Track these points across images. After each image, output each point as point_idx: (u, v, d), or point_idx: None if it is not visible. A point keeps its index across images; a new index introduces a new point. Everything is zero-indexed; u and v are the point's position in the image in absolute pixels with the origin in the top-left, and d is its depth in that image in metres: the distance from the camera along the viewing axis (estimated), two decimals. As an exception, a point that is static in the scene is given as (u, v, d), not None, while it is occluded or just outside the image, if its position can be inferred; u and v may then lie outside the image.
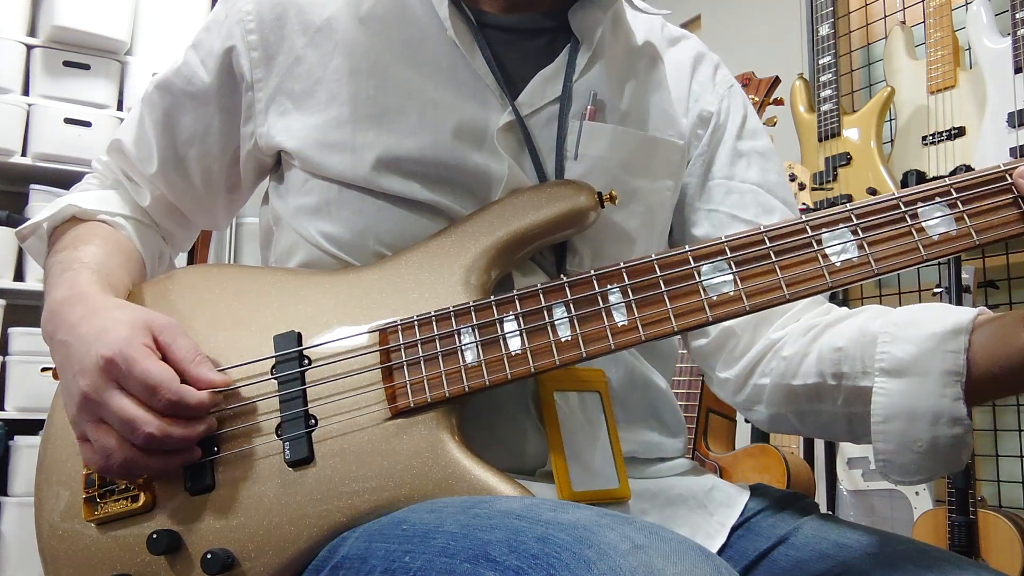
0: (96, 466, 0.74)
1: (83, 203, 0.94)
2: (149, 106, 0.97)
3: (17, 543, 2.71)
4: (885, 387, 0.74)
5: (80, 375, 0.74)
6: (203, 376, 0.75)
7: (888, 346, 0.75)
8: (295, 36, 0.89)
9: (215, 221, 1.06)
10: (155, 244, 1.00)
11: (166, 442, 0.72)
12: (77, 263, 0.85)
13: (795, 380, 0.84)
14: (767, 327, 0.89)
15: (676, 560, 0.54)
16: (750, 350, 0.90)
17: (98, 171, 1.04)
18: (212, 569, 0.72)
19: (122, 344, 0.73)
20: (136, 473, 0.74)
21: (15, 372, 2.84)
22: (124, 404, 0.72)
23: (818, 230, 0.72)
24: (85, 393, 0.73)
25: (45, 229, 0.95)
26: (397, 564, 0.64)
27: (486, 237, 0.81)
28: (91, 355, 0.73)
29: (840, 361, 0.79)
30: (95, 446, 0.73)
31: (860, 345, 0.78)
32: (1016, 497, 2.34)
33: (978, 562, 0.80)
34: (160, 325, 0.77)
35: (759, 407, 0.90)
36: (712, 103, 0.97)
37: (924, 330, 0.74)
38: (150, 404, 0.72)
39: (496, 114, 0.85)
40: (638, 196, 0.89)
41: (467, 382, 0.74)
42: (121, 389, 0.72)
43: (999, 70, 2.23)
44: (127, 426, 0.71)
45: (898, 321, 0.76)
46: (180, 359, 0.75)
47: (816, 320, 0.87)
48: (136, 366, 0.72)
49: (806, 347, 0.84)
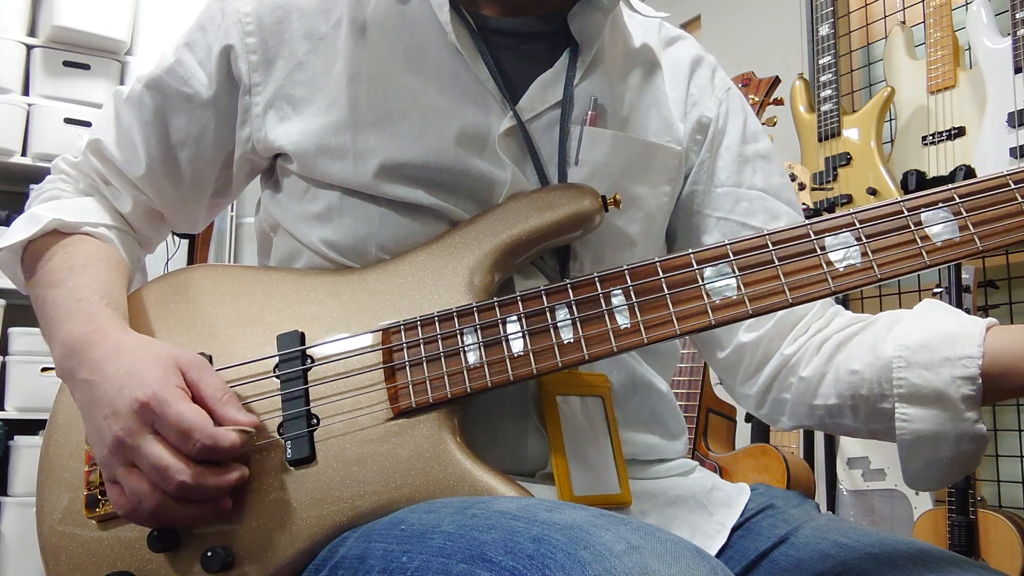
0: (124, 510, 0.73)
1: (64, 215, 0.89)
2: (135, 105, 0.94)
3: (17, 543, 2.71)
4: (907, 414, 0.76)
5: (112, 419, 0.72)
6: (231, 416, 0.73)
7: (904, 372, 0.77)
8: (297, 41, 0.88)
9: (194, 223, 1.02)
10: (133, 251, 0.97)
11: (199, 490, 0.70)
12: (86, 290, 0.82)
13: (815, 400, 0.86)
14: (780, 341, 0.91)
15: (671, 561, 0.54)
16: (766, 366, 0.91)
17: (67, 173, 0.97)
18: (212, 567, 0.72)
19: (155, 387, 0.71)
20: (165, 521, 0.72)
21: (15, 372, 2.84)
22: (158, 451, 0.70)
23: (821, 235, 0.72)
24: (119, 437, 0.71)
25: (20, 243, 0.89)
26: (395, 564, 0.64)
27: (490, 239, 0.81)
28: (124, 398, 0.71)
29: (858, 384, 0.81)
30: (126, 490, 0.72)
31: (875, 369, 0.79)
32: (1016, 497, 2.34)
33: (978, 562, 0.80)
34: (187, 362, 0.75)
35: (783, 419, 0.92)
36: (711, 108, 0.96)
37: (938, 354, 0.75)
38: (183, 449, 0.70)
39: (497, 119, 0.85)
40: (638, 201, 0.89)
41: (469, 383, 0.74)
42: (155, 434, 0.71)
43: (999, 70, 2.23)
44: (160, 473, 0.69)
45: (909, 344, 0.77)
46: (208, 398, 0.73)
47: (828, 332, 0.88)
48: (170, 409, 0.70)
49: (822, 367, 0.86)
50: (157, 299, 0.86)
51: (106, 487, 0.74)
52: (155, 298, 0.87)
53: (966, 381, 0.74)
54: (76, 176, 0.97)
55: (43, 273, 0.87)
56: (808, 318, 0.90)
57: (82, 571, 0.77)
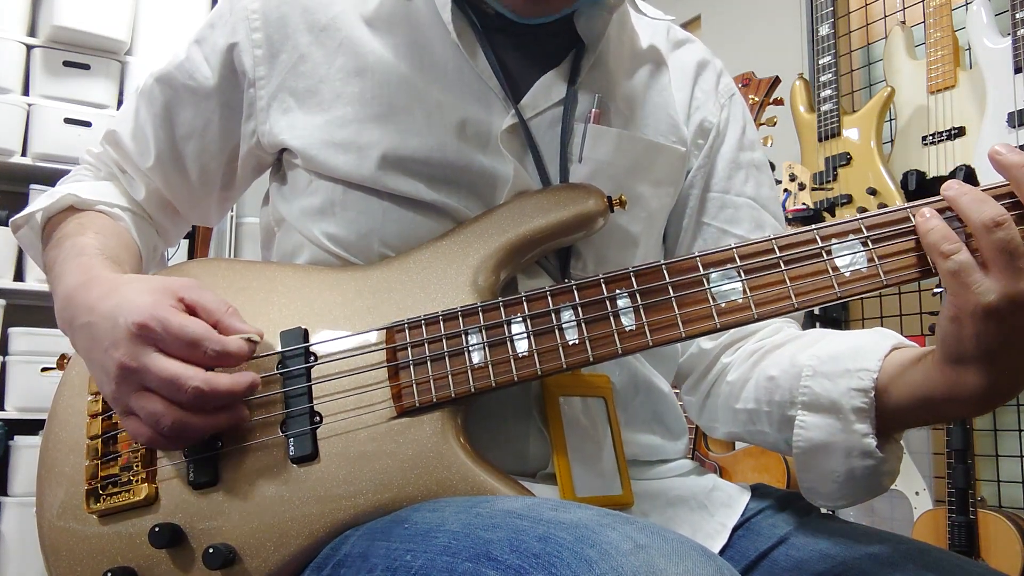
0: (145, 438, 0.72)
1: (81, 192, 0.94)
2: (148, 99, 0.97)
3: (17, 543, 2.70)
4: (804, 421, 0.78)
5: (112, 348, 0.72)
6: (236, 326, 0.74)
7: (809, 380, 0.78)
8: (299, 34, 0.90)
9: (207, 217, 1.05)
10: (150, 237, 1.00)
11: (214, 396, 0.70)
12: (89, 249, 0.85)
13: (737, 404, 0.89)
14: (728, 349, 0.94)
15: (678, 560, 0.54)
16: (710, 372, 0.95)
17: (90, 163, 1.03)
18: (213, 564, 0.72)
19: (151, 308, 0.72)
20: (188, 437, 0.73)
21: (15, 372, 2.83)
22: (166, 363, 0.70)
23: (828, 240, 0.72)
24: (122, 363, 0.71)
25: (39, 219, 0.94)
26: (399, 563, 0.64)
27: (495, 238, 0.81)
28: (120, 326, 0.72)
29: (772, 390, 0.84)
30: (142, 415, 0.71)
31: (789, 376, 0.81)
32: (1016, 497, 2.34)
33: (978, 562, 0.80)
34: (181, 285, 0.76)
35: (717, 425, 0.95)
36: (713, 113, 0.97)
37: (840, 366, 0.77)
38: (192, 359, 0.71)
39: (499, 116, 0.85)
40: (641, 201, 0.90)
41: (473, 383, 0.74)
42: (160, 351, 0.71)
43: (999, 70, 2.23)
44: (172, 385, 0.70)
45: (821, 355, 0.79)
46: (211, 311, 0.74)
47: (764, 342, 0.91)
48: (172, 322, 0.71)
49: (747, 373, 0.89)
50: None
51: (122, 423, 0.74)
52: None
53: (859, 393, 0.75)
54: (97, 165, 1.02)
55: (55, 241, 0.90)
56: (762, 331, 0.92)
57: (83, 567, 0.77)
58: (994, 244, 0.64)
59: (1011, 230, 0.64)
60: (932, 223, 0.67)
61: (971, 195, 0.67)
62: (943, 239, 0.67)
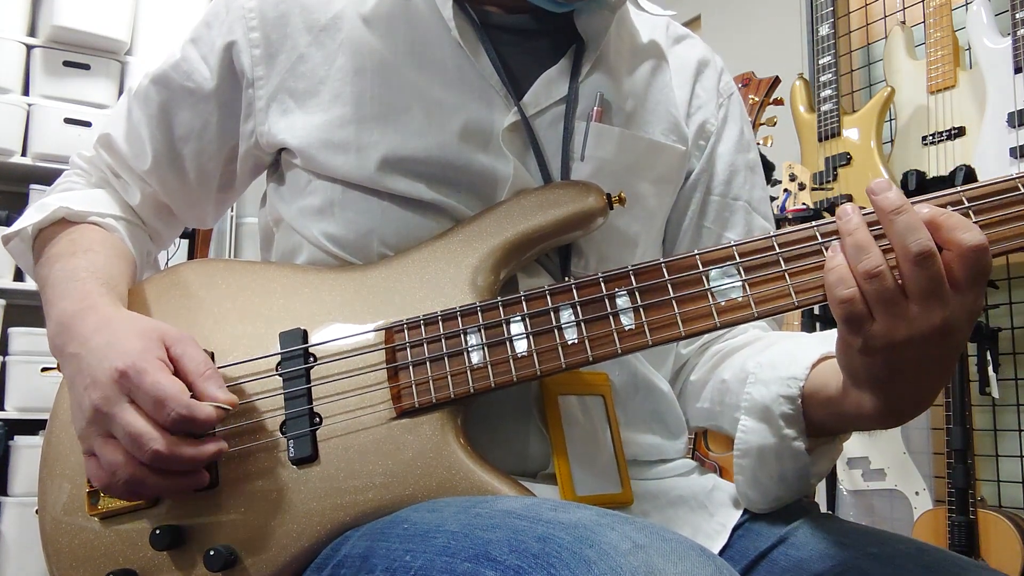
0: (101, 483, 0.72)
1: (72, 204, 0.92)
2: (143, 100, 0.96)
3: (17, 543, 2.70)
4: (745, 425, 0.81)
5: (91, 388, 0.72)
6: (210, 392, 0.72)
7: (751, 387, 0.81)
8: (298, 34, 0.89)
9: (203, 218, 1.04)
10: (143, 243, 0.99)
11: (174, 461, 0.70)
12: (83, 272, 0.83)
13: (697, 403, 0.93)
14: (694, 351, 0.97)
15: (677, 560, 0.54)
16: (681, 372, 0.98)
17: (81, 168, 1.01)
18: (214, 566, 0.72)
19: (135, 356, 0.71)
20: (140, 493, 0.72)
21: (15, 372, 2.83)
22: (132, 418, 0.69)
23: (828, 237, 0.72)
24: (96, 406, 0.71)
25: (30, 232, 0.92)
26: (398, 563, 0.64)
27: (494, 237, 0.81)
28: (103, 368, 0.71)
29: (724, 392, 0.88)
30: (102, 460, 0.71)
31: (738, 380, 0.85)
32: (1016, 497, 2.34)
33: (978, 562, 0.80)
34: (173, 337, 0.75)
35: (688, 418, 0.97)
36: (714, 113, 0.97)
37: (775, 372, 0.79)
38: (158, 418, 0.69)
39: (501, 115, 0.85)
40: (641, 200, 0.90)
41: (472, 383, 0.74)
42: (132, 403, 0.71)
43: (999, 70, 2.23)
44: (134, 441, 0.69)
45: (763, 361, 0.82)
46: (190, 371, 0.73)
47: (723, 345, 0.94)
48: (147, 378, 0.70)
49: (706, 375, 0.93)
50: (157, 294, 0.86)
51: (84, 458, 0.74)
52: (155, 293, 0.87)
53: (786, 400, 0.77)
54: (89, 170, 1.00)
55: (47, 257, 0.89)
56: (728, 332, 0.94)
57: (84, 567, 0.77)
58: (871, 294, 0.64)
59: (885, 280, 0.63)
60: (835, 261, 0.66)
61: (854, 236, 0.65)
62: (839, 281, 0.65)
